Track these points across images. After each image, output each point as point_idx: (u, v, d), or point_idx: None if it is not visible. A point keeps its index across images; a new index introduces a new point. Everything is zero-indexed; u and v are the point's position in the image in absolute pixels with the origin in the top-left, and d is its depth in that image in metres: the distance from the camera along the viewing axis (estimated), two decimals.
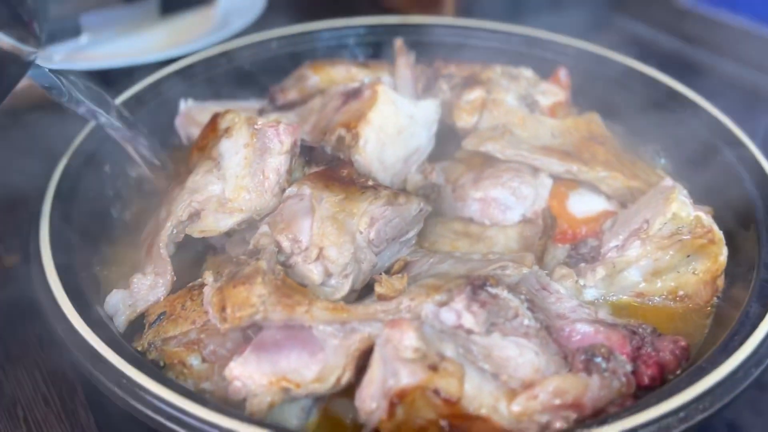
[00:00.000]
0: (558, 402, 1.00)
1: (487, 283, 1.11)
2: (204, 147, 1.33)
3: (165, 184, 1.40)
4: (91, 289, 1.22)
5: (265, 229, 1.20)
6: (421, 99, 1.52)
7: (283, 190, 1.26)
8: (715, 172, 1.44)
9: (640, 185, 1.38)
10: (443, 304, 1.08)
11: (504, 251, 1.34)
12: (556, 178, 1.43)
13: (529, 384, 1.02)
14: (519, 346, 1.06)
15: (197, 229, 1.24)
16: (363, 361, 1.06)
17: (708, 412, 0.98)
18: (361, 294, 1.21)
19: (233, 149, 1.29)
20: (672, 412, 0.97)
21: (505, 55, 1.71)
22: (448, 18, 2.19)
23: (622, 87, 1.67)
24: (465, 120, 1.52)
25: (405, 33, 1.75)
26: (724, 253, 1.26)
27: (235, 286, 1.06)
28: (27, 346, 1.37)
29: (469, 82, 1.56)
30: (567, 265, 1.31)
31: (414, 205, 1.27)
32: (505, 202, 1.39)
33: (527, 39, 1.78)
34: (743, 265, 1.27)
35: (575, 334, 1.12)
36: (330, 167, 1.29)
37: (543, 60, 1.72)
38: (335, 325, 1.08)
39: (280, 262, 1.15)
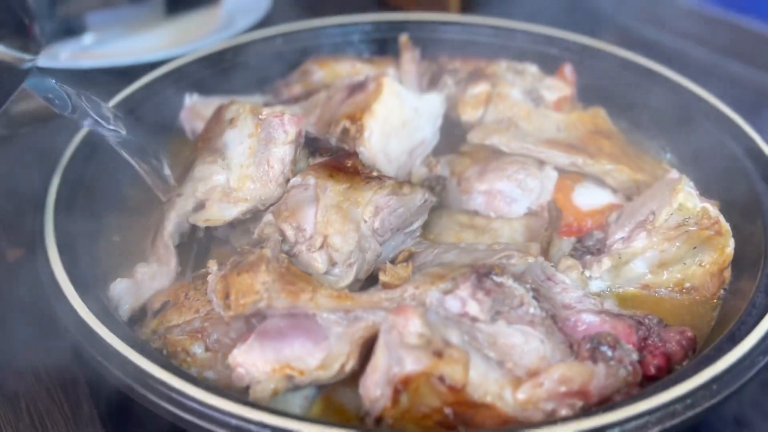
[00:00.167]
0: (563, 390, 0.99)
1: (492, 272, 1.10)
2: (209, 138, 1.33)
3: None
4: (97, 278, 1.22)
5: (269, 218, 1.19)
6: (426, 93, 1.52)
7: (287, 180, 1.26)
8: (722, 167, 1.44)
9: (646, 178, 1.38)
10: (448, 292, 1.08)
11: (509, 243, 1.33)
12: (561, 171, 1.42)
13: (534, 372, 1.01)
14: (524, 334, 1.06)
15: (202, 218, 1.25)
16: (367, 349, 1.05)
17: (715, 400, 0.97)
18: (365, 285, 1.21)
19: (238, 139, 1.29)
20: (679, 398, 0.96)
21: (510, 51, 1.71)
22: (453, 15, 2.19)
23: (628, 84, 1.67)
24: (470, 114, 1.52)
25: (410, 30, 1.75)
26: (731, 245, 1.24)
27: (239, 274, 1.06)
28: (30, 339, 1.36)
29: (474, 76, 1.57)
30: (573, 257, 1.30)
31: (418, 195, 1.27)
32: (510, 194, 1.39)
33: (532, 36, 1.78)
34: (750, 258, 1.26)
35: (581, 323, 1.12)
36: (335, 158, 1.29)
37: (548, 56, 1.72)
38: (339, 313, 1.08)
39: (284, 251, 1.15)
